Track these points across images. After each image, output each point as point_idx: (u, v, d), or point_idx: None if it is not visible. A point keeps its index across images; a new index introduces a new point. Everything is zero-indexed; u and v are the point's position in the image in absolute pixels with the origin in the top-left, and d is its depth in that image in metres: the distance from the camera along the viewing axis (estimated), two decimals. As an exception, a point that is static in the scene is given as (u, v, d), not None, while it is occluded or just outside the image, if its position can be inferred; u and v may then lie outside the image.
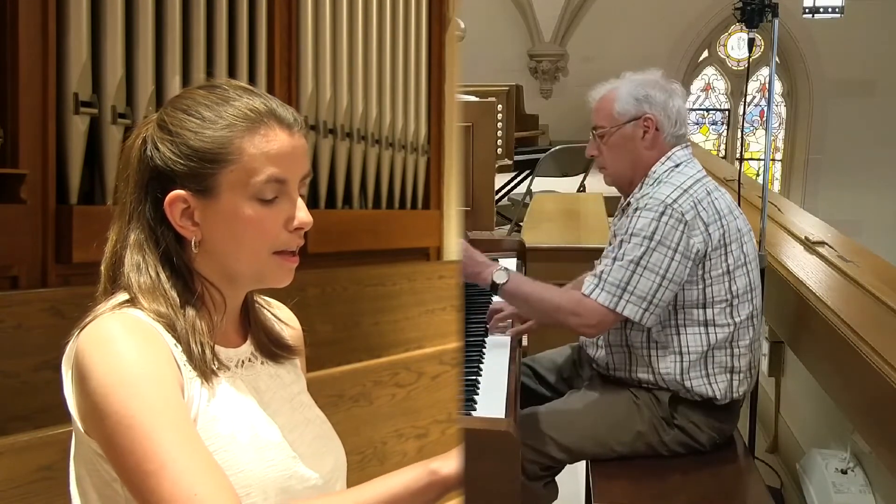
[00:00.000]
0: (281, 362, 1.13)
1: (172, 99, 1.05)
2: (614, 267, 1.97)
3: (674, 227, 1.95)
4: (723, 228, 2.01)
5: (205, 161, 0.98)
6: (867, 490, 2.31)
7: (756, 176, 9.23)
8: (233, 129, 0.99)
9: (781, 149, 10.51)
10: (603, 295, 1.96)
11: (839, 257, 2.80)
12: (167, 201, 0.99)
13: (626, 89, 2.11)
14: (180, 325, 0.97)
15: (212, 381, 0.99)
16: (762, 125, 10.40)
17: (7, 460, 1.24)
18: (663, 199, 1.98)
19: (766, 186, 2.72)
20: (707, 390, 2.06)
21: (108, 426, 0.89)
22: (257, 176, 0.99)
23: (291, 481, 1.02)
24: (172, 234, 1.00)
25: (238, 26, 2.04)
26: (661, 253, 1.95)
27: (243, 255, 1.01)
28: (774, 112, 9.75)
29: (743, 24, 2.61)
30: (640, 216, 1.98)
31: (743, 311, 2.05)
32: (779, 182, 10.47)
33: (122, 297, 0.99)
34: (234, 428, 0.98)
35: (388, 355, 2.05)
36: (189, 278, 1.02)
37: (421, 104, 2.71)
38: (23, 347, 1.48)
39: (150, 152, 1.00)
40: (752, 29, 2.62)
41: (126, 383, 0.90)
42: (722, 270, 2.01)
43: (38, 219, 1.61)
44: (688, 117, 2.20)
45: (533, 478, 2.03)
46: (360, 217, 2.42)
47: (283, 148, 1.01)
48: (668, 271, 1.95)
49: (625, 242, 1.98)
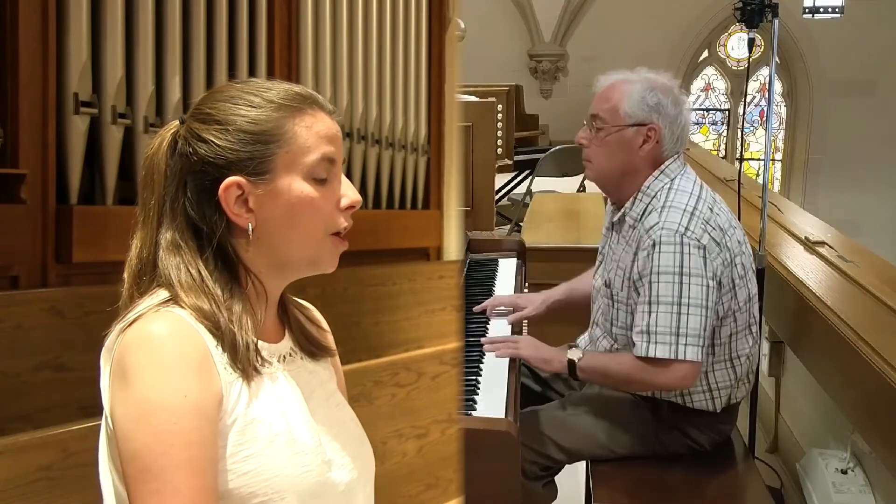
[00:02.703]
0: (318, 360, 1.13)
1: (205, 97, 1.05)
2: (658, 314, 1.89)
3: (696, 255, 1.89)
4: (729, 247, 1.96)
5: (260, 143, 0.99)
6: (867, 490, 2.31)
7: (756, 176, 9.24)
8: (284, 111, 1.00)
9: (781, 149, 10.51)
10: (660, 348, 1.88)
11: (839, 257, 2.80)
12: (222, 188, 0.98)
13: (640, 90, 2.01)
14: (224, 322, 0.97)
15: (254, 379, 0.99)
16: (762, 125, 10.40)
17: (7, 460, 1.23)
18: (676, 229, 1.91)
19: (766, 186, 2.72)
20: (708, 405, 2.06)
21: (131, 444, 0.91)
22: (311, 155, 1.01)
23: (324, 487, 1.02)
24: (224, 224, 1.00)
25: (238, 26, 2.04)
26: (697, 284, 1.88)
27: (299, 238, 1.02)
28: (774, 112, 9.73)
29: (743, 24, 2.60)
30: (659, 252, 1.90)
31: (741, 321, 2.03)
32: (779, 182, 10.47)
33: (163, 294, 0.98)
34: (271, 431, 0.98)
35: (388, 355, 2.05)
36: (237, 271, 1.02)
37: (421, 104, 2.70)
38: (23, 347, 1.48)
39: (191, 147, 1.00)
40: (752, 29, 2.62)
41: (161, 411, 0.90)
42: (728, 287, 1.97)
43: (38, 219, 1.61)
44: (689, 131, 2.12)
45: (532, 478, 2.03)
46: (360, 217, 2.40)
47: (330, 129, 1.03)
48: (708, 300, 1.89)
49: (654, 284, 1.90)
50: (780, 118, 10.35)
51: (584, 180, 5.80)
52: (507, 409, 1.75)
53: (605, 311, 2.13)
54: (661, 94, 2.01)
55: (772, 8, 2.58)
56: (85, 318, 1.51)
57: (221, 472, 0.94)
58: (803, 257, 2.91)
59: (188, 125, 1.02)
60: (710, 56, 10.61)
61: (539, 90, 10.17)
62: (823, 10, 7.13)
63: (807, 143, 10.15)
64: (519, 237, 3.49)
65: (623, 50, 9.40)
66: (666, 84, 2.05)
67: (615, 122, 2.02)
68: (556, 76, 10.24)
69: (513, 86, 5.90)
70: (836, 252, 2.88)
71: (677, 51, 10.11)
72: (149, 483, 0.89)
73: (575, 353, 2.03)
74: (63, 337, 1.51)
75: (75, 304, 1.53)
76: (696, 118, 10.73)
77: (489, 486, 1.60)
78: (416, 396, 1.94)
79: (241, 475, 0.95)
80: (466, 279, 2.73)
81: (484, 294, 2.62)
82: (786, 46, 9.65)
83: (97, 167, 1.75)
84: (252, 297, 1.03)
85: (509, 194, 6.36)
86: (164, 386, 0.91)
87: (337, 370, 1.21)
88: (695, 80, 10.63)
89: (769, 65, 7.64)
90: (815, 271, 2.71)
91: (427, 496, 1.94)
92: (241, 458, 0.95)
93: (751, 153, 10.38)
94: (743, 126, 11.00)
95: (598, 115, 2.05)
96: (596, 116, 2.05)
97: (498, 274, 2.87)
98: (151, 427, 0.90)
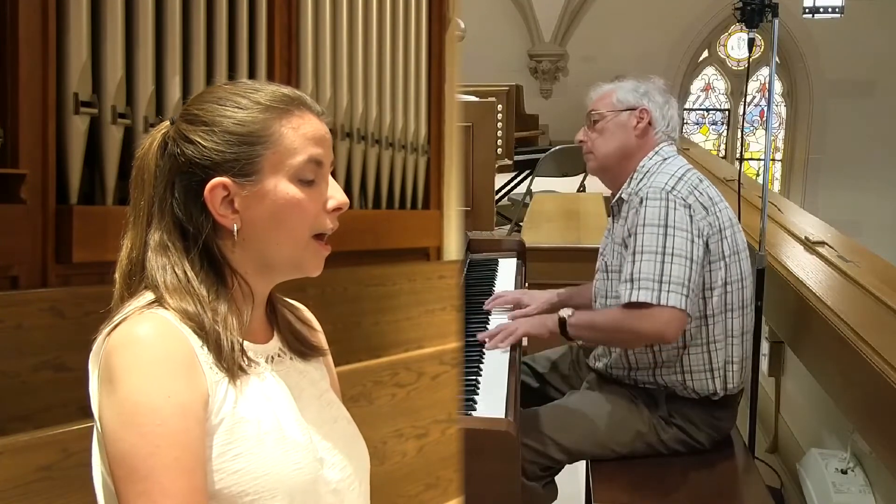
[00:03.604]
0: (308, 359, 1.13)
1: (195, 98, 1.05)
2: (641, 262, 1.93)
3: (682, 211, 1.96)
4: (717, 215, 2.03)
5: (246, 144, 0.99)
6: (867, 490, 2.31)
7: (756, 176, 9.24)
8: (271, 112, 1.01)
9: (781, 149, 10.51)
10: (643, 293, 1.91)
11: (839, 257, 2.80)
12: (208, 189, 0.99)
13: (630, 83, 2.19)
14: (209, 323, 0.97)
15: (240, 379, 0.99)
16: (762, 125, 10.40)
17: (7, 460, 1.24)
18: (662, 187, 1.99)
19: (766, 186, 2.72)
20: (708, 385, 2.06)
21: (119, 446, 0.91)
22: (298, 156, 1.01)
23: (317, 485, 1.02)
24: (210, 225, 1.00)
25: (238, 26, 2.04)
26: (681, 237, 1.94)
27: (284, 240, 1.02)
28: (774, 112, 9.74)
29: (743, 24, 2.61)
30: (645, 206, 1.97)
31: (735, 299, 2.06)
32: (779, 182, 10.47)
33: (148, 296, 0.99)
34: (260, 429, 0.98)
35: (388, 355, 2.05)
36: (222, 272, 1.02)
37: (421, 104, 2.71)
38: (23, 347, 1.48)
39: (179, 148, 1.00)
40: (752, 29, 2.62)
41: (147, 412, 0.91)
42: (718, 256, 2.02)
43: (38, 219, 1.61)
44: (680, 127, 2.26)
45: (532, 478, 2.03)
46: (360, 217, 2.42)
47: (318, 131, 1.03)
48: (692, 252, 1.94)
49: (639, 235, 1.95)
50: (780, 118, 10.35)
51: (583, 180, 5.81)
52: (507, 409, 1.75)
53: (600, 288, 2.19)
54: (648, 85, 2.19)
55: (772, 8, 2.59)
56: (85, 318, 1.51)
57: (210, 472, 0.94)
58: (803, 257, 2.91)
59: (177, 126, 1.02)
60: (710, 56, 10.61)
61: (539, 90, 10.18)
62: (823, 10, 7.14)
63: (807, 143, 10.15)
64: (519, 237, 3.50)
65: (623, 50, 9.41)
66: (653, 80, 2.22)
67: (610, 110, 2.18)
68: (556, 76, 10.24)
69: (513, 86, 5.90)
70: (836, 252, 2.88)
71: (677, 51, 10.12)
72: (137, 484, 0.89)
73: (566, 311, 2.12)
74: (63, 337, 1.51)
75: (75, 304, 1.53)
76: (696, 118, 10.74)
77: (489, 486, 1.59)
78: (416, 396, 1.94)
79: (230, 474, 0.95)
80: (466, 279, 2.73)
81: (484, 294, 2.62)
82: (786, 46, 9.65)
83: (97, 167, 1.75)
84: (238, 298, 1.03)
85: (509, 194, 6.36)
86: (149, 387, 0.91)
87: (329, 370, 1.21)
88: (695, 80, 10.63)
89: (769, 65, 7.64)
90: (815, 271, 2.71)
91: (427, 496, 1.94)
92: (230, 458, 0.95)
93: (751, 153, 10.38)
94: (743, 126, 11.01)
95: (594, 111, 2.21)
96: (592, 112, 2.21)
97: (498, 274, 2.87)
98: (138, 428, 0.90)
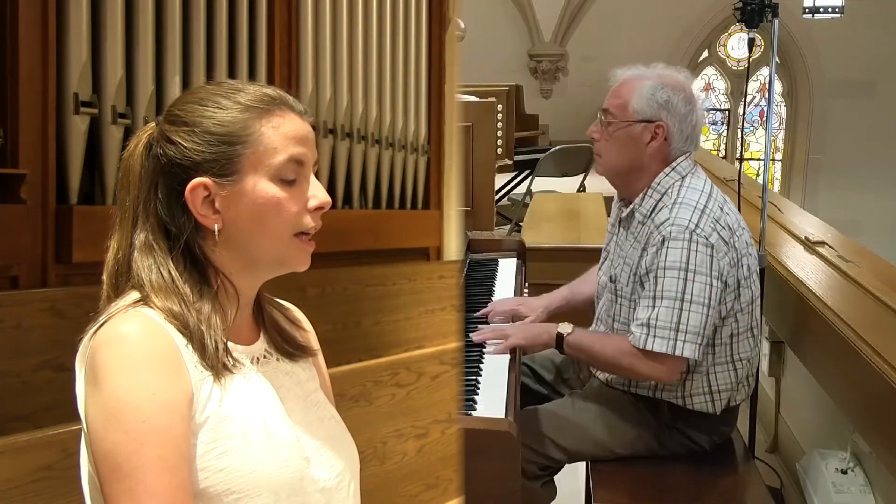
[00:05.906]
0: (296, 360, 1.13)
1: (178, 99, 1.06)
2: (660, 308, 1.90)
3: (704, 252, 1.89)
4: (736, 246, 1.97)
5: (226, 144, 1.00)
6: (867, 490, 2.31)
7: (756, 176, 9.23)
8: (251, 112, 1.01)
9: (781, 149, 10.51)
10: (658, 342, 1.89)
11: (839, 257, 2.80)
12: (188, 189, 0.99)
13: (650, 87, 2.02)
14: (193, 322, 0.98)
15: (225, 377, 0.99)
16: (762, 125, 10.40)
17: (7, 460, 1.23)
18: (686, 225, 1.91)
19: (766, 186, 2.72)
20: (707, 407, 2.06)
21: (103, 444, 0.91)
22: (278, 156, 1.01)
23: (303, 483, 1.02)
24: (192, 225, 1.01)
25: (238, 26, 2.04)
26: (701, 282, 1.89)
27: (266, 239, 1.02)
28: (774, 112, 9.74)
29: (743, 24, 2.61)
30: (667, 248, 1.91)
31: (743, 322, 2.03)
32: (779, 182, 10.46)
33: (134, 295, 1.00)
34: (246, 427, 0.98)
35: (388, 355, 2.05)
36: (206, 272, 1.03)
37: (421, 104, 2.70)
38: (23, 347, 1.48)
39: (161, 149, 1.01)
40: (752, 29, 2.62)
41: (130, 410, 0.91)
42: (734, 286, 1.97)
43: (38, 219, 1.61)
44: (701, 131, 2.12)
45: (531, 478, 2.03)
46: (360, 217, 2.42)
47: (300, 131, 1.04)
48: (711, 299, 1.89)
49: (659, 278, 1.91)
50: (780, 118, 10.35)
51: (583, 180, 5.81)
52: (507, 409, 1.75)
53: (608, 307, 2.14)
54: (671, 91, 2.02)
55: (772, 8, 2.59)
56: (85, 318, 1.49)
57: (195, 471, 0.94)
58: (803, 257, 2.91)
59: (160, 127, 1.03)
60: (710, 56, 10.61)
61: (539, 90, 10.17)
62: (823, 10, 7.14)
63: (807, 143, 10.14)
64: (519, 237, 3.50)
65: (623, 50, 9.38)
66: (679, 81, 2.06)
67: (624, 118, 2.03)
68: (556, 76, 10.23)
69: (513, 86, 5.89)
70: (836, 252, 2.88)
71: (677, 51, 10.10)
72: (121, 482, 0.89)
73: (565, 327, 2.07)
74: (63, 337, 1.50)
75: (75, 304, 1.52)
76: (696, 118, 10.73)
77: (489, 486, 1.60)
78: (416, 396, 1.94)
79: (215, 472, 0.95)
80: (466, 279, 2.73)
81: (484, 294, 2.62)
82: (786, 46, 9.65)
83: (97, 167, 1.75)
84: (223, 298, 1.04)
85: (509, 194, 6.36)
86: (133, 385, 0.91)
87: (320, 370, 1.20)
88: (695, 80, 10.62)
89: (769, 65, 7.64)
90: (815, 271, 2.71)
91: (427, 496, 1.94)
92: (215, 456, 0.96)
93: (751, 153, 10.38)
94: (743, 126, 11.00)
95: (608, 110, 2.07)
96: (607, 111, 2.08)
97: (498, 274, 2.86)
98: (122, 426, 0.90)
